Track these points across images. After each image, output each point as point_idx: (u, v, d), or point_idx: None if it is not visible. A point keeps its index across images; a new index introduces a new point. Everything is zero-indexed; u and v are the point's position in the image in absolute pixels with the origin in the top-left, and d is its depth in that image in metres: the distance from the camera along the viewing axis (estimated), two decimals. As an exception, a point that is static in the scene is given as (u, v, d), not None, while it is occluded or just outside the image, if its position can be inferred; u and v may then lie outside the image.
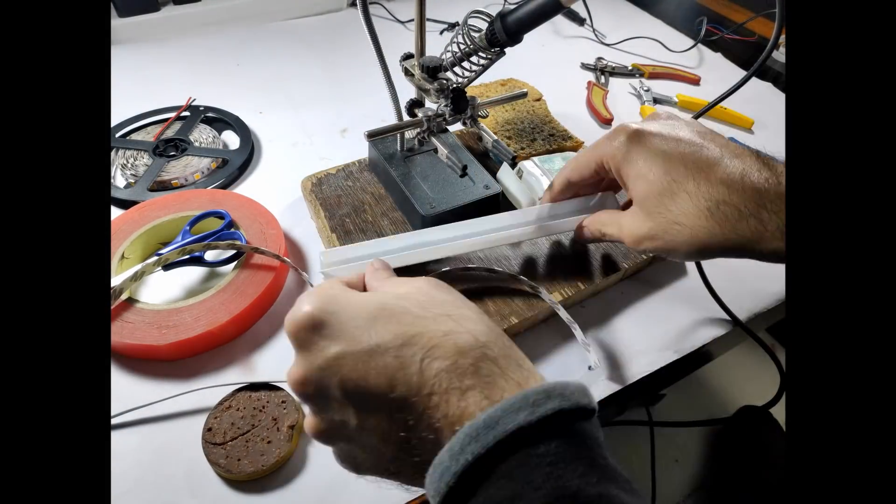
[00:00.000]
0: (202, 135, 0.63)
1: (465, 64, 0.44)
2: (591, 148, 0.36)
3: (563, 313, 0.42)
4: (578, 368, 0.44)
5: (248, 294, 0.43)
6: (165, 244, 0.47)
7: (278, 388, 0.39)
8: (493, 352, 0.24)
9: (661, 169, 0.31)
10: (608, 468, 0.20)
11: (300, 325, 0.24)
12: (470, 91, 0.51)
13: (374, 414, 0.23)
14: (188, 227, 0.47)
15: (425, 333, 0.23)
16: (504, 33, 0.39)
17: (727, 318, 0.47)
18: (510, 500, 0.19)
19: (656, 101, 0.77)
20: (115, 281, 0.42)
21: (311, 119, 0.69)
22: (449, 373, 0.22)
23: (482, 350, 0.23)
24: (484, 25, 0.41)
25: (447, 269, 0.44)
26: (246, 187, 0.59)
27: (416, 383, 0.22)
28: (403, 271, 0.39)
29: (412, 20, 0.90)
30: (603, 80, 0.81)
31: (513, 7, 0.38)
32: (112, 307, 0.41)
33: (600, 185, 0.42)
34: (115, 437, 0.38)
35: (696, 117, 0.44)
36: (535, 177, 0.52)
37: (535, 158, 0.54)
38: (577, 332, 0.42)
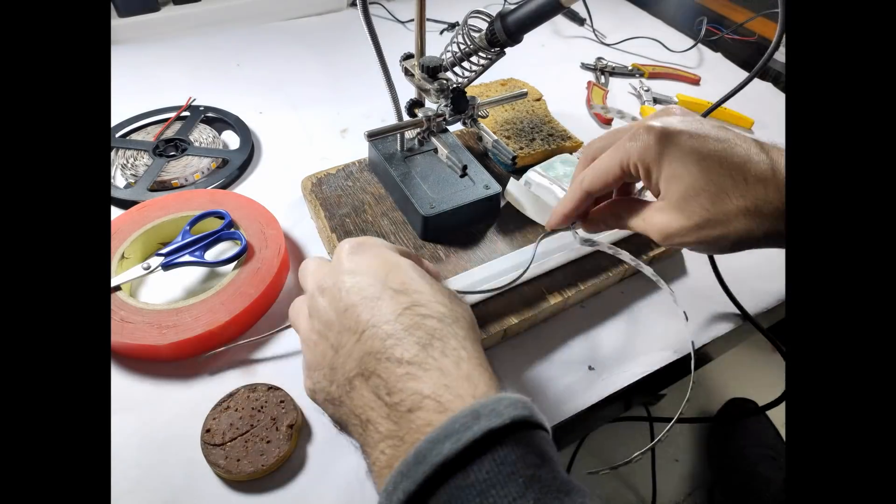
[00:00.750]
0: (202, 135, 0.63)
1: (465, 64, 0.44)
2: (611, 153, 0.34)
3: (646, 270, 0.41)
4: (579, 368, 0.44)
5: (248, 294, 0.43)
6: (165, 244, 0.47)
7: (277, 388, 0.39)
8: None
9: (698, 168, 0.30)
10: (553, 482, 0.19)
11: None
12: (470, 91, 0.51)
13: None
14: (188, 227, 0.47)
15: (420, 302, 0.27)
16: (504, 33, 0.39)
17: (727, 317, 0.47)
18: None
19: (656, 101, 0.77)
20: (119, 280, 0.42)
21: (311, 119, 0.69)
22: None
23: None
24: (484, 25, 0.41)
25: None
26: (246, 187, 0.59)
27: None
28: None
29: (412, 20, 0.90)
30: (603, 80, 0.81)
31: (513, 7, 0.38)
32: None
33: (618, 190, 0.39)
34: (115, 437, 0.38)
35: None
36: (544, 186, 0.51)
37: (537, 168, 0.54)
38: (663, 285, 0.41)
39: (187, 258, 0.45)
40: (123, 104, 0.67)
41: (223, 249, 0.50)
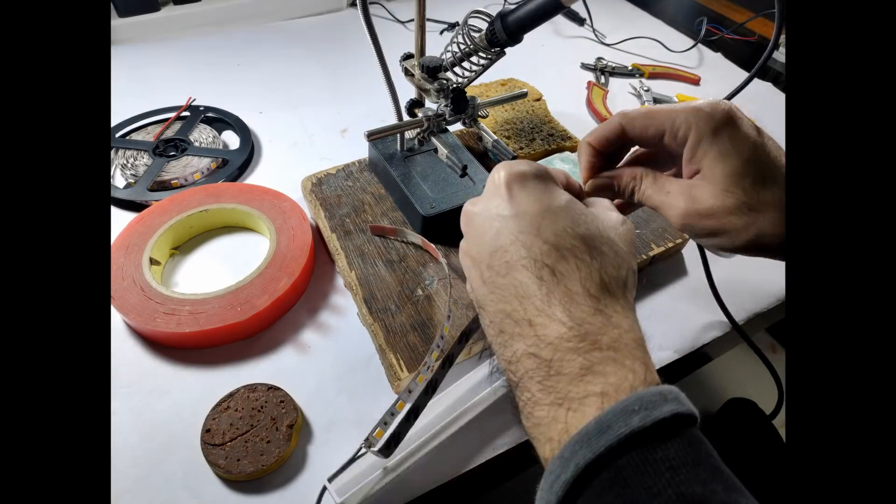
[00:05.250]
0: (202, 135, 0.63)
1: (465, 64, 0.44)
2: (667, 109, 0.31)
3: None
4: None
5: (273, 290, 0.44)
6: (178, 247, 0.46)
7: (277, 388, 0.39)
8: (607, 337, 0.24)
9: (750, 151, 0.29)
10: (731, 478, 0.20)
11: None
12: (470, 91, 0.51)
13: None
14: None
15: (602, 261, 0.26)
16: (504, 33, 0.39)
17: (724, 322, 0.47)
18: None
19: (656, 100, 0.77)
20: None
21: (311, 119, 0.69)
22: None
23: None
24: (484, 25, 0.41)
25: None
26: (246, 187, 0.59)
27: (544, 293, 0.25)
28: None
29: (412, 20, 0.90)
30: (603, 80, 0.81)
31: (513, 7, 0.38)
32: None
33: (621, 155, 0.36)
34: (115, 436, 0.38)
35: None
36: None
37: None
38: None
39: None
40: (123, 104, 0.67)
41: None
